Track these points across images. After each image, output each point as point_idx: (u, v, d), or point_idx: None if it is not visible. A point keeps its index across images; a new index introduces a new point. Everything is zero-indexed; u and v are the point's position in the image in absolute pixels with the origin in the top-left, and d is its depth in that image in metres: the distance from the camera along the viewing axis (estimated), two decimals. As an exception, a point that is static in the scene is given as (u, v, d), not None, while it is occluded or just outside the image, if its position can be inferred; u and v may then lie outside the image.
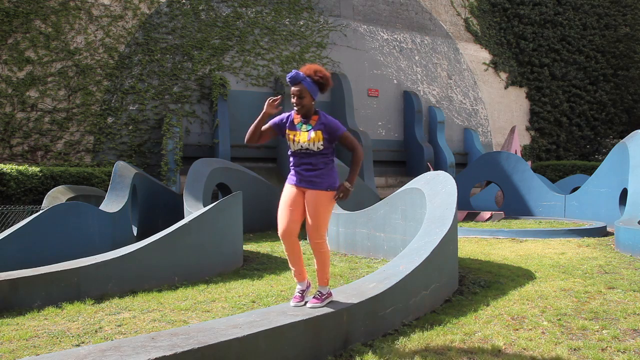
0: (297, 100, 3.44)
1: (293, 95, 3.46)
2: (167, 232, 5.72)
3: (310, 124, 3.50)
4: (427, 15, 19.97)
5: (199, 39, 15.17)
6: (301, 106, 3.46)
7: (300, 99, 3.44)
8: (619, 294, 4.66)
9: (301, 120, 3.52)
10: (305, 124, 3.50)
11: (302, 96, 3.44)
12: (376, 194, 12.73)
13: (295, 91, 3.44)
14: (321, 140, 3.46)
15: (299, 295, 3.51)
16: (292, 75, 3.42)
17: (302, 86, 3.43)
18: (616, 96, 23.85)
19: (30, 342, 3.57)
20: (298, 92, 3.43)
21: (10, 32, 12.79)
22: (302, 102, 3.45)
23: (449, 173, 6.50)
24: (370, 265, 6.48)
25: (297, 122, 3.53)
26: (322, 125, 3.48)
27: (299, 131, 3.49)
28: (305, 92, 3.44)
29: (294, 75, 3.41)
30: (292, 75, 3.41)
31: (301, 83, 3.43)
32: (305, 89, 3.44)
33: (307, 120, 3.51)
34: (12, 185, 9.49)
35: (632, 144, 9.85)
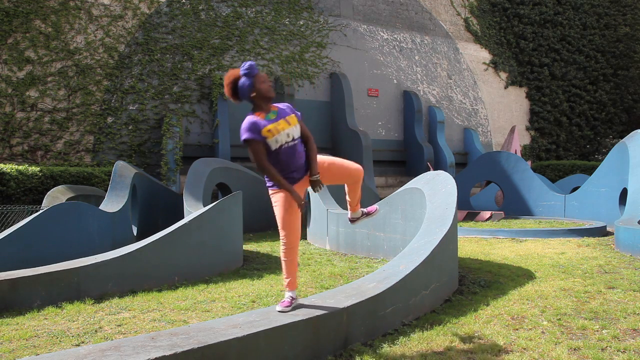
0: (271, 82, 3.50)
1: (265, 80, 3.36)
2: (167, 232, 5.72)
3: (274, 110, 3.39)
4: (427, 15, 19.97)
5: (199, 38, 15.17)
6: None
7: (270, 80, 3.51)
8: (619, 294, 4.66)
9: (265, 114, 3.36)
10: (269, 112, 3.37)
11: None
12: (376, 193, 12.73)
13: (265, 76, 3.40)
14: (296, 122, 3.41)
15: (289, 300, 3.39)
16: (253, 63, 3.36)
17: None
18: (616, 96, 23.85)
19: (30, 342, 3.57)
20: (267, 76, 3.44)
21: (10, 32, 12.79)
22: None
23: (449, 173, 6.50)
24: (370, 265, 6.48)
25: (263, 117, 3.34)
26: (286, 109, 3.43)
27: (273, 122, 3.32)
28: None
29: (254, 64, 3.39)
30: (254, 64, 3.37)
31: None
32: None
33: (268, 110, 3.37)
34: (12, 185, 9.49)
35: (632, 143, 9.85)
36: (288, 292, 3.46)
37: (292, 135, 3.36)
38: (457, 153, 19.57)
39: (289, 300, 3.40)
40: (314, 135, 3.59)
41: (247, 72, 3.32)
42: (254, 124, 3.29)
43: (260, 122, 3.31)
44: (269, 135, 3.29)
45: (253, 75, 3.34)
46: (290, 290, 3.46)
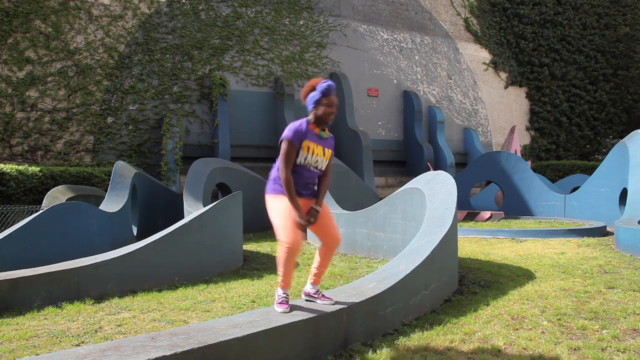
0: (335, 110, 3.42)
1: (331, 104, 3.39)
2: (167, 232, 5.72)
3: (326, 132, 3.50)
4: (427, 15, 19.97)
5: (199, 38, 15.17)
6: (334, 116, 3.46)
7: (337, 109, 3.46)
8: (618, 294, 4.66)
9: (319, 130, 3.45)
10: (323, 130, 3.47)
11: (337, 109, 3.47)
12: (376, 193, 12.73)
13: (335, 100, 3.40)
14: (329, 159, 3.50)
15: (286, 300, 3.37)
16: (332, 84, 3.41)
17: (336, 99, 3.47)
18: (616, 96, 23.85)
19: (30, 342, 3.57)
20: (336, 102, 3.42)
21: (10, 32, 12.79)
22: (335, 114, 3.46)
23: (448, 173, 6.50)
24: (370, 265, 6.48)
25: (316, 131, 3.43)
26: (333, 142, 3.56)
27: (317, 143, 3.41)
28: (337, 106, 3.49)
29: (333, 85, 3.42)
30: (333, 85, 3.41)
31: (335, 96, 3.46)
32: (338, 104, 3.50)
33: (323, 130, 3.49)
34: (12, 185, 9.49)
35: (632, 143, 9.85)
36: (282, 290, 3.40)
37: (319, 165, 3.44)
38: (457, 153, 19.57)
39: (285, 298, 3.37)
40: None
41: (323, 89, 3.39)
42: (300, 131, 3.35)
43: (309, 134, 3.39)
44: (304, 150, 3.36)
45: (325, 95, 3.40)
46: (284, 289, 3.40)
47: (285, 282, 3.40)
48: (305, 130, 3.37)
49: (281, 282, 3.40)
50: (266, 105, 16.04)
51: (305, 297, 3.61)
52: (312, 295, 3.57)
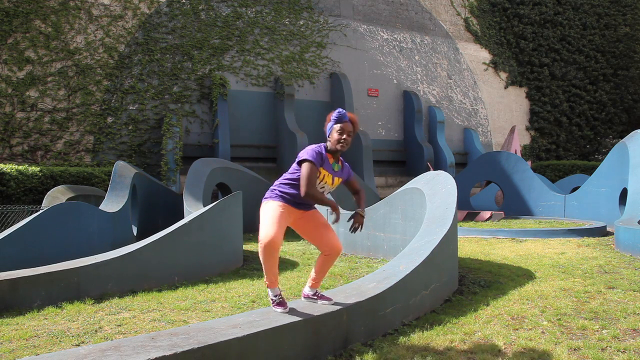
0: (347, 137, 3.36)
1: (342, 131, 3.35)
2: (167, 232, 5.72)
3: (339, 164, 3.51)
4: (427, 15, 19.97)
5: (199, 38, 15.17)
6: (347, 144, 3.38)
7: (349, 136, 3.37)
8: (618, 294, 4.66)
9: (333, 159, 3.45)
10: (336, 163, 3.48)
11: (351, 135, 3.40)
12: (376, 193, 12.73)
13: (346, 127, 3.36)
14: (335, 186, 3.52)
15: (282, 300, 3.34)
16: (343, 112, 3.39)
17: (350, 126, 3.39)
18: (616, 96, 23.85)
19: (30, 342, 3.57)
20: (348, 129, 3.37)
21: (10, 32, 12.79)
22: (349, 140, 3.38)
23: (449, 173, 6.50)
24: (370, 265, 6.48)
25: (331, 161, 3.44)
26: (345, 172, 3.56)
27: (329, 173, 3.42)
28: (352, 132, 3.40)
29: (345, 113, 3.39)
30: (344, 112, 3.38)
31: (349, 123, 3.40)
32: (351, 130, 3.40)
33: (337, 159, 3.48)
34: (12, 185, 9.49)
35: (632, 143, 9.85)
36: (271, 291, 3.36)
37: (325, 191, 3.48)
38: (457, 153, 19.57)
39: (279, 299, 3.33)
40: (313, 136, 3.60)
41: (334, 117, 3.41)
42: (320, 156, 3.36)
43: (325, 161, 3.40)
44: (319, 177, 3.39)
45: (337, 122, 3.40)
46: (271, 288, 3.36)
47: (270, 280, 3.34)
48: (325, 157, 3.39)
49: (266, 281, 3.37)
50: (266, 105, 16.04)
51: (305, 299, 3.62)
52: (310, 297, 3.58)
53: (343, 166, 3.56)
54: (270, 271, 3.32)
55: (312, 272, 3.62)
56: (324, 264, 3.55)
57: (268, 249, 3.23)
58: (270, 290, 3.39)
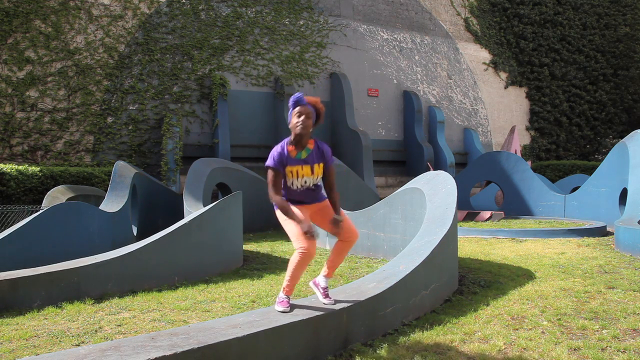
0: (304, 120, 3.30)
1: (299, 114, 3.32)
2: (167, 232, 5.72)
3: (309, 147, 3.41)
4: (427, 15, 19.97)
5: (199, 38, 15.18)
6: (305, 126, 3.31)
7: (307, 118, 3.32)
8: (619, 294, 4.66)
9: (296, 150, 3.38)
10: (302, 149, 3.39)
11: (309, 116, 3.34)
12: (376, 193, 12.73)
13: (302, 110, 3.32)
14: (321, 173, 3.45)
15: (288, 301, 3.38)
16: (299, 95, 3.33)
17: (309, 108, 3.35)
18: (616, 96, 23.85)
19: (30, 342, 3.57)
20: (305, 111, 3.32)
21: (10, 32, 12.79)
22: (308, 122, 3.32)
23: (449, 173, 6.50)
24: (370, 265, 6.48)
25: (294, 154, 3.38)
26: (321, 153, 3.43)
27: (300, 165, 3.37)
28: (311, 114, 3.36)
29: (301, 96, 3.34)
30: (299, 96, 3.33)
31: (307, 105, 3.36)
32: (311, 111, 3.37)
33: (302, 146, 3.39)
34: (12, 185, 9.49)
35: (632, 143, 9.85)
36: (284, 295, 3.41)
37: (310, 183, 3.42)
38: (457, 153, 19.57)
39: (286, 300, 3.38)
40: (313, 136, 3.57)
41: (291, 102, 3.36)
42: (280, 156, 3.35)
43: (288, 158, 3.36)
44: (289, 176, 3.37)
45: (292, 107, 3.37)
46: (287, 295, 3.41)
47: (290, 288, 3.41)
48: (286, 156, 3.36)
49: (286, 287, 3.40)
50: (266, 105, 16.04)
51: (312, 285, 3.61)
52: (319, 287, 3.55)
53: (318, 149, 3.43)
54: (294, 280, 3.37)
55: (327, 261, 3.60)
56: (341, 250, 3.54)
57: (306, 259, 3.25)
58: (283, 294, 3.42)
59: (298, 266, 3.28)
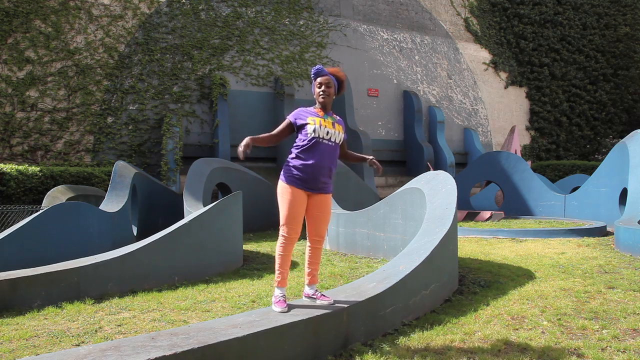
0: (325, 89, 3.52)
1: (320, 84, 3.54)
2: (167, 232, 5.72)
3: (333, 117, 3.62)
4: (427, 15, 19.97)
5: (199, 38, 15.18)
6: (327, 95, 3.53)
7: (328, 87, 3.53)
8: (619, 294, 4.66)
9: (324, 113, 3.58)
10: (329, 115, 3.60)
11: (330, 85, 3.54)
12: (376, 193, 12.73)
13: (324, 80, 3.53)
14: (342, 132, 3.60)
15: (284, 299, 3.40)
16: (320, 67, 3.53)
17: (330, 78, 3.55)
18: (616, 96, 23.85)
19: (30, 342, 3.57)
20: (327, 81, 3.53)
21: (10, 32, 12.79)
22: (329, 91, 3.53)
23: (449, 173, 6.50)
24: (370, 265, 6.48)
25: (321, 114, 3.59)
26: (341, 121, 3.68)
27: (323, 119, 3.53)
28: (332, 83, 3.56)
29: (321, 67, 3.54)
30: (320, 67, 3.54)
31: (329, 75, 3.56)
32: (332, 80, 3.57)
33: (329, 114, 3.61)
34: (12, 185, 9.49)
35: (632, 143, 9.85)
36: (278, 290, 3.45)
37: (331, 135, 3.51)
38: (457, 153, 19.57)
39: (282, 298, 3.39)
40: None
41: (312, 74, 3.57)
42: (302, 112, 3.58)
43: (312, 112, 3.56)
44: (311, 123, 3.48)
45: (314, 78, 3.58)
46: (280, 287, 3.45)
47: (281, 278, 3.46)
48: (310, 111, 3.57)
49: (277, 278, 3.47)
50: (266, 105, 16.04)
51: (305, 297, 3.64)
52: (311, 296, 3.60)
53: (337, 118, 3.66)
54: (283, 267, 3.44)
55: (305, 268, 3.68)
56: (312, 255, 3.63)
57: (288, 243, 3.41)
58: (277, 289, 3.45)
59: (281, 252, 3.43)
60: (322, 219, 3.56)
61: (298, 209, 3.44)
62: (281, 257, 3.46)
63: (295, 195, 3.44)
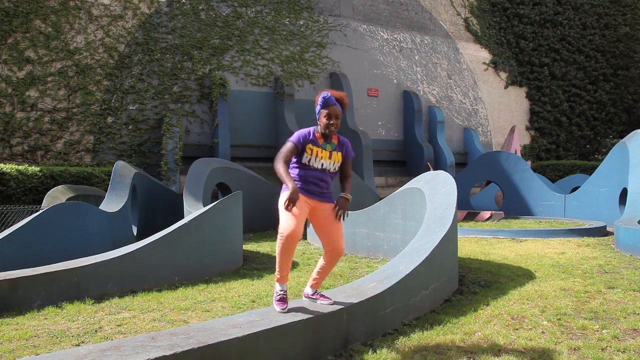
0: (335, 121, 3.45)
1: (330, 116, 3.45)
2: (167, 232, 5.72)
3: (333, 142, 3.56)
4: (427, 15, 19.97)
5: (199, 38, 15.18)
6: (336, 128, 3.49)
7: (337, 119, 3.47)
8: (618, 294, 4.66)
9: (324, 140, 3.53)
10: (328, 143, 3.54)
11: (339, 117, 3.49)
12: (376, 193, 12.73)
13: (334, 111, 3.45)
14: (339, 161, 3.56)
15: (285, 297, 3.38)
16: (329, 96, 3.46)
17: (339, 108, 3.50)
18: (616, 96, 23.85)
19: (30, 342, 3.57)
20: (337, 112, 3.47)
21: (10, 32, 12.79)
22: (337, 123, 3.48)
23: (448, 173, 6.50)
24: (370, 265, 6.48)
25: (321, 142, 3.53)
26: (343, 146, 3.59)
27: (321, 148, 3.50)
28: (340, 115, 3.50)
29: (330, 97, 3.47)
30: (329, 96, 3.46)
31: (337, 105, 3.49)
32: (340, 112, 3.50)
33: (329, 140, 3.55)
34: (12, 185, 9.49)
35: (632, 143, 9.85)
36: (279, 285, 3.42)
37: (327, 167, 3.51)
38: (457, 153, 19.57)
39: (282, 295, 3.36)
40: None
41: (320, 102, 3.48)
42: (305, 136, 3.50)
43: (313, 139, 3.50)
44: (308, 152, 3.48)
45: (323, 107, 3.48)
46: (281, 283, 3.42)
47: (282, 275, 3.42)
48: (312, 138, 3.51)
49: (277, 274, 3.44)
50: (266, 105, 16.04)
51: (305, 298, 3.64)
52: (310, 296, 3.59)
53: (340, 143, 3.60)
54: (283, 265, 3.39)
55: (314, 272, 3.64)
56: (326, 266, 3.55)
57: (287, 241, 3.29)
58: (278, 285, 3.43)
59: (281, 251, 3.34)
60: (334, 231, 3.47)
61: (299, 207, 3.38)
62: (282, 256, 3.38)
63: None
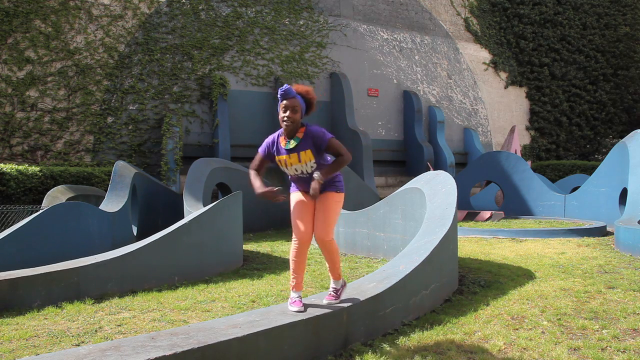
0: (290, 114, 3.26)
1: (285, 108, 3.28)
2: (167, 232, 5.72)
3: (298, 136, 3.35)
4: (427, 15, 19.97)
5: (198, 38, 15.17)
6: (292, 121, 3.28)
7: (293, 112, 3.27)
8: (618, 294, 4.66)
9: (286, 140, 3.38)
10: (292, 139, 3.36)
11: (296, 110, 3.29)
12: (376, 193, 12.73)
13: (288, 104, 3.27)
14: (312, 158, 3.36)
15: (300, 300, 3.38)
16: (286, 88, 3.28)
17: (296, 100, 3.30)
18: (616, 96, 23.85)
19: (30, 342, 3.57)
20: (292, 105, 3.28)
21: (10, 32, 12.79)
22: (294, 116, 3.28)
23: (448, 173, 6.50)
24: (370, 265, 6.48)
25: (284, 144, 3.39)
26: (310, 140, 3.35)
27: (287, 155, 3.37)
28: (298, 106, 3.30)
29: (288, 89, 3.28)
30: (287, 89, 3.27)
31: (295, 97, 3.31)
32: (299, 103, 3.31)
33: (292, 136, 3.36)
34: (12, 185, 9.49)
35: (632, 143, 9.85)
36: (294, 292, 3.44)
37: (301, 170, 3.40)
38: (457, 153, 19.57)
39: (297, 299, 3.38)
40: None
41: (278, 95, 3.33)
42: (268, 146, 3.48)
43: (278, 148, 3.43)
44: (279, 163, 3.46)
45: (279, 99, 3.33)
46: (296, 290, 3.45)
47: (297, 282, 3.46)
48: (277, 146, 3.43)
49: (291, 281, 3.48)
50: (266, 105, 16.04)
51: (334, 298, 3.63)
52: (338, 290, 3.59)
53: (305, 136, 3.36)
54: (296, 272, 3.44)
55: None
56: (324, 254, 3.61)
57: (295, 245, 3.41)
58: (293, 292, 3.45)
59: (293, 256, 3.43)
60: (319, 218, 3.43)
61: (298, 208, 3.46)
62: (293, 262, 3.45)
63: (294, 197, 3.53)
